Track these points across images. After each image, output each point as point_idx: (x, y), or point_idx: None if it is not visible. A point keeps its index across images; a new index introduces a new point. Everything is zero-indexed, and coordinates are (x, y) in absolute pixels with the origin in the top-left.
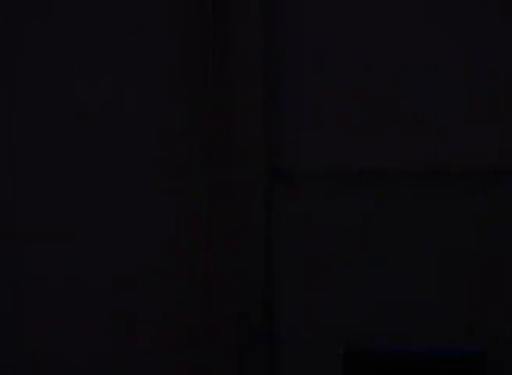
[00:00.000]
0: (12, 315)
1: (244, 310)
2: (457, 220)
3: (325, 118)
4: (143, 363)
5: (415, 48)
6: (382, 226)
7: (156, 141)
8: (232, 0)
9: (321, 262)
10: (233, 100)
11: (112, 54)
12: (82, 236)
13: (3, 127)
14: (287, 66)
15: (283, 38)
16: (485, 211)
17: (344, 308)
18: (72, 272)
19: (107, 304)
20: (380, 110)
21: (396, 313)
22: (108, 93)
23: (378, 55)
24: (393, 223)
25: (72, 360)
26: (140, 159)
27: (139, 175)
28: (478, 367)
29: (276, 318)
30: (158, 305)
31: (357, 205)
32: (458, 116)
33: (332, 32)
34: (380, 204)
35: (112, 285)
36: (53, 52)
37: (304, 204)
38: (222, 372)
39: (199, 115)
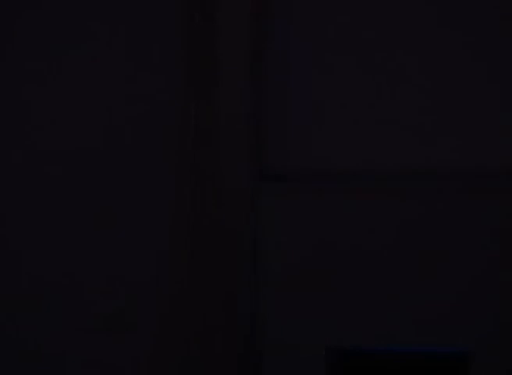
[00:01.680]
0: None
1: (231, 312)
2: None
3: (316, 117)
4: (130, 365)
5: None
6: (374, 227)
7: (143, 140)
8: None
9: (309, 263)
10: (221, 98)
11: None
12: (68, 238)
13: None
14: (277, 62)
15: (272, 42)
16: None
17: (332, 310)
18: (57, 275)
19: (95, 306)
20: (373, 110)
21: (383, 314)
22: (99, 90)
23: (372, 54)
24: (386, 224)
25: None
26: (126, 159)
27: (123, 174)
28: (461, 367)
29: (263, 320)
30: (145, 307)
31: (349, 206)
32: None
33: (321, 32)
34: (373, 205)
35: (99, 287)
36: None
37: (294, 205)
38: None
39: (186, 112)
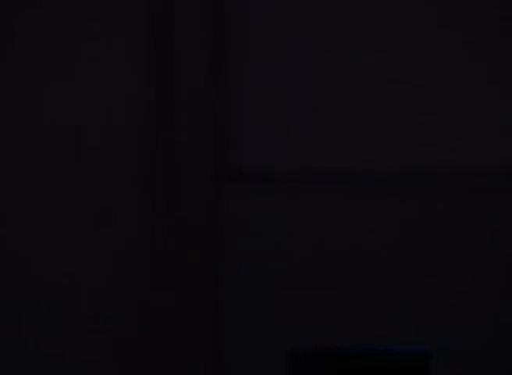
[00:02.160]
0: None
1: (192, 312)
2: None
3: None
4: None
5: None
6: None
7: (101, 140)
8: None
9: (271, 267)
10: (182, 95)
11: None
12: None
13: None
14: (238, 56)
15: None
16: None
17: (292, 312)
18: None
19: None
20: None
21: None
22: (59, 94)
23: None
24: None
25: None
26: (83, 159)
27: (80, 174)
28: (421, 368)
29: (223, 323)
30: (103, 308)
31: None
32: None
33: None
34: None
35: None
36: None
37: (259, 206)
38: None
39: (144, 115)
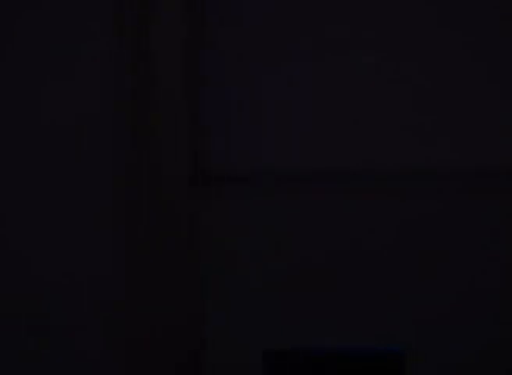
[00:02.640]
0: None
1: (169, 315)
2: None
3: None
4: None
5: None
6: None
7: (79, 143)
8: None
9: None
10: (158, 96)
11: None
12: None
13: None
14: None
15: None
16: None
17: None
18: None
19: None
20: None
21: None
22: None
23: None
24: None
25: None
26: (61, 162)
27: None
28: (396, 367)
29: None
30: (82, 312)
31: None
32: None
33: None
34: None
35: (25, 291)
36: None
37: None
38: None
39: (123, 112)
